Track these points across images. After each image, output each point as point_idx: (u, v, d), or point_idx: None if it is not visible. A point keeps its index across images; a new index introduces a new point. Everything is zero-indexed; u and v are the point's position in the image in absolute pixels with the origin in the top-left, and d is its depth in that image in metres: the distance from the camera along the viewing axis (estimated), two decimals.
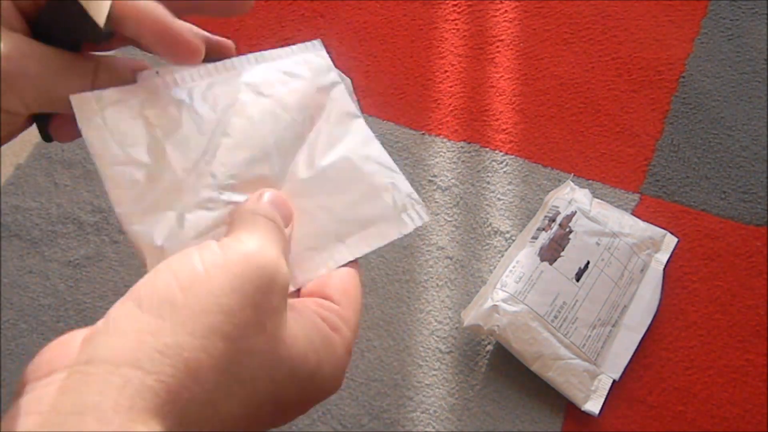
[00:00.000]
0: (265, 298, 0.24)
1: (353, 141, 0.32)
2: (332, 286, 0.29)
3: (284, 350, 0.25)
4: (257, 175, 0.29)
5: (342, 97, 0.32)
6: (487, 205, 0.78)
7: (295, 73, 0.32)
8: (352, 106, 0.32)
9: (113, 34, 0.28)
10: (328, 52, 0.33)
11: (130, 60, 0.30)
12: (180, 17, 0.29)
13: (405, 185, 0.33)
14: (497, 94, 0.85)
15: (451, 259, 0.75)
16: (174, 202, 0.27)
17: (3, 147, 0.81)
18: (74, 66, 0.28)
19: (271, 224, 0.28)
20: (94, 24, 0.26)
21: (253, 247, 0.25)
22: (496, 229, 0.76)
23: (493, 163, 0.81)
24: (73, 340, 0.23)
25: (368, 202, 0.32)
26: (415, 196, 0.33)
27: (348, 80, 0.33)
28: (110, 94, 0.28)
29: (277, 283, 0.25)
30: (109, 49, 0.30)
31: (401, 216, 0.33)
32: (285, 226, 0.29)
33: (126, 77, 0.29)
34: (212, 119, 0.29)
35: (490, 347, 0.70)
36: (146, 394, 0.21)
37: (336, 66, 0.33)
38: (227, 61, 0.32)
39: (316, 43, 0.33)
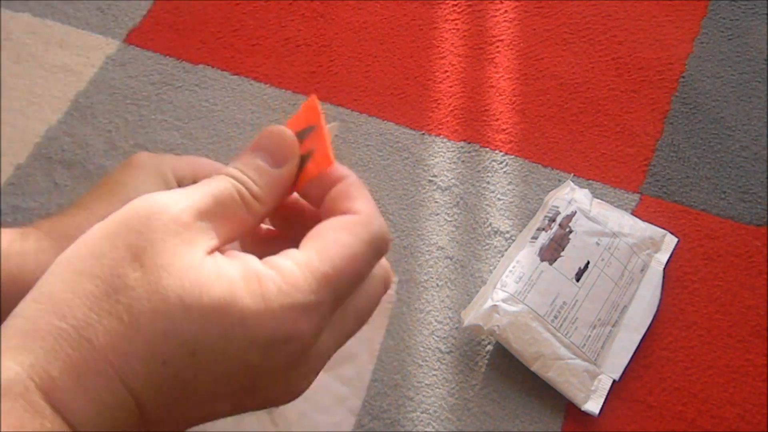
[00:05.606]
0: (139, 237, 0.24)
1: None
2: (308, 233, 0.27)
3: (170, 280, 0.24)
4: None
5: None
6: (487, 205, 0.78)
7: None
8: None
9: None
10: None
11: None
12: None
13: None
14: (497, 94, 0.85)
15: (451, 259, 0.75)
16: None
17: (3, 147, 0.81)
18: None
19: (219, 177, 0.27)
20: None
21: (148, 196, 0.26)
22: (496, 229, 0.76)
23: (493, 163, 0.81)
24: None
25: None
26: None
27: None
28: None
29: (155, 221, 0.24)
30: None
31: None
32: (277, 165, 0.28)
33: None
34: None
35: (490, 347, 0.70)
36: (18, 334, 0.23)
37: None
38: None
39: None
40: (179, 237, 0.24)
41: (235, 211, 0.26)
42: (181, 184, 0.39)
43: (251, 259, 0.25)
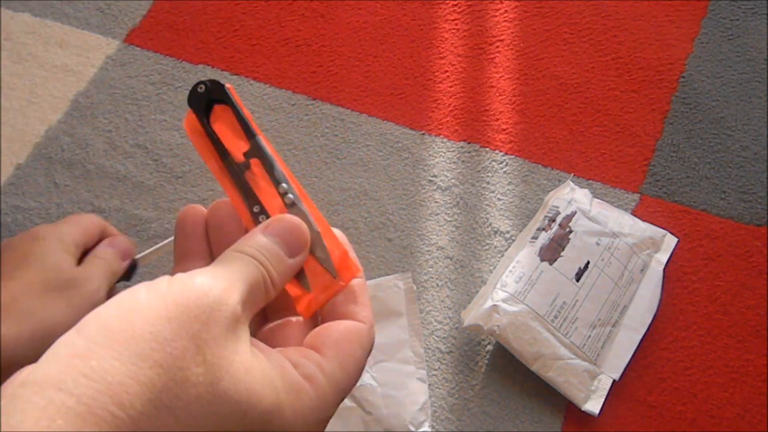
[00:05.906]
0: (203, 328, 0.24)
1: None
2: (326, 337, 0.29)
3: (229, 384, 0.24)
4: None
5: None
6: (487, 205, 0.78)
7: None
8: None
9: None
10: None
11: None
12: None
13: None
14: (497, 94, 0.85)
15: (451, 259, 0.75)
16: None
17: (3, 147, 0.81)
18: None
19: (247, 260, 0.28)
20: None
21: (200, 278, 0.25)
22: (496, 229, 0.76)
23: (493, 163, 0.81)
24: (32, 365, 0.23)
25: None
26: None
27: None
28: None
29: (218, 313, 0.24)
30: None
31: None
32: (291, 255, 0.29)
33: None
34: None
35: (490, 347, 0.70)
36: (67, 415, 0.21)
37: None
38: None
39: None
40: (234, 333, 0.25)
41: (259, 298, 0.28)
42: (78, 248, 0.44)
43: (285, 363, 0.27)
